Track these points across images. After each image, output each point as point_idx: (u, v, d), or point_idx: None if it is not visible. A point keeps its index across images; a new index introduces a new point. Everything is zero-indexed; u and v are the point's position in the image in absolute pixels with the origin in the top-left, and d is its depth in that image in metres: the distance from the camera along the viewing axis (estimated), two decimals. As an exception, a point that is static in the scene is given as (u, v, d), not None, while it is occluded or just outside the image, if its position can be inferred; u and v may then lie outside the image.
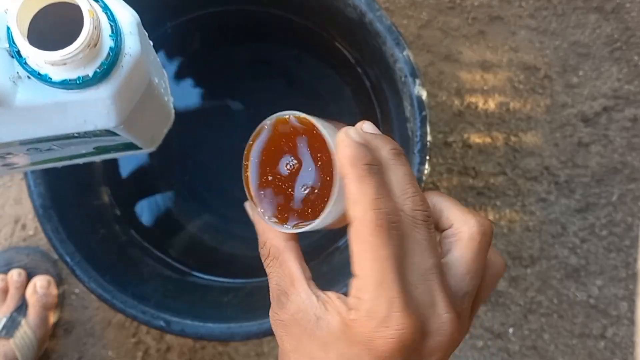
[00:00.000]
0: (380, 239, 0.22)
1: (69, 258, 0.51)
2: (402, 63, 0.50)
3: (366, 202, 0.23)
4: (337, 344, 0.23)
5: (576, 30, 0.86)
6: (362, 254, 0.23)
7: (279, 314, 0.26)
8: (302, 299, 0.25)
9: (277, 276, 0.26)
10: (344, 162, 0.24)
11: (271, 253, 0.27)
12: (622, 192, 0.84)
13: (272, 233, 0.27)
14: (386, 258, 0.22)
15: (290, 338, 0.25)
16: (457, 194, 0.84)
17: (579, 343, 0.84)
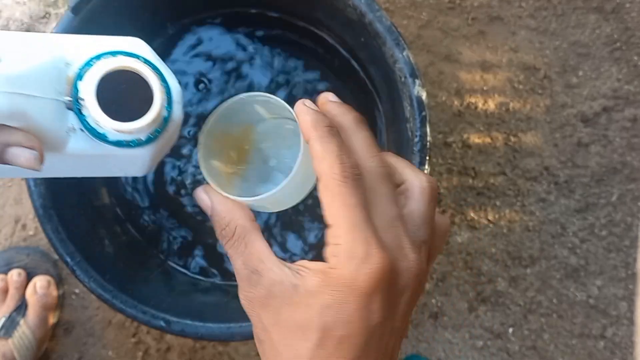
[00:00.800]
0: (348, 188, 0.25)
1: (69, 258, 0.51)
2: (402, 63, 0.50)
3: (331, 158, 0.25)
4: (319, 298, 0.25)
5: (576, 30, 0.86)
6: (333, 203, 0.25)
7: (253, 292, 0.26)
8: (275, 272, 0.26)
9: (243, 256, 0.27)
10: (307, 126, 0.26)
11: (237, 233, 0.27)
12: (621, 192, 0.84)
13: (238, 212, 0.28)
14: (355, 205, 0.25)
15: (269, 313, 0.26)
16: (457, 193, 0.84)
17: (579, 343, 0.84)
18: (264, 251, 0.27)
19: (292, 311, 0.25)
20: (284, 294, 0.25)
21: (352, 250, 0.24)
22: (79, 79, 0.25)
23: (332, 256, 0.25)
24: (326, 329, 0.24)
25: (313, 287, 0.25)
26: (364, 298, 0.24)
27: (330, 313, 0.24)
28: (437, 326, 0.84)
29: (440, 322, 0.84)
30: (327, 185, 0.25)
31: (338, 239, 0.25)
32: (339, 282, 0.24)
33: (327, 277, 0.25)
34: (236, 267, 0.27)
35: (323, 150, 0.25)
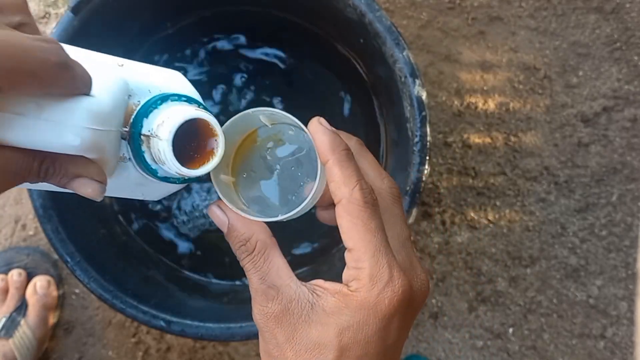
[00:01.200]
0: (368, 213, 0.25)
1: (69, 258, 0.51)
2: (401, 63, 0.50)
3: (351, 183, 0.26)
4: (338, 318, 0.25)
5: (576, 30, 0.86)
6: (354, 227, 0.25)
7: (269, 307, 0.26)
8: (293, 289, 0.26)
9: (261, 271, 0.27)
10: (324, 149, 0.26)
11: (257, 248, 0.28)
12: (621, 192, 0.84)
13: (257, 228, 0.28)
14: (376, 229, 0.25)
15: (283, 329, 0.26)
16: (457, 194, 0.84)
17: (579, 343, 0.84)
18: (283, 267, 0.27)
19: (308, 329, 0.26)
20: (300, 312, 0.26)
21: (376, 275, 0.25)
22: (145, 117, 0.26)
23: (354, 279, 0.25)
24: (344, 348, 0.25)
25: (331, 308, 0.25)
26: (384, 321, 0.25)
27: (349, 334, 0.25)
28: (437, 326, 0.84)
29: (440, 322, 0.84)
30: (348, 209, 0.25)
31: (361, 263, 0.25)
32: (361, 305, 0.25)
33: (346, 299, 0.25)
34: (253, 281, 0.27)
35: (342, 175, 0.26)
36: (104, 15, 0.53)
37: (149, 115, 0.26)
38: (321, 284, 0.27)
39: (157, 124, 0.25)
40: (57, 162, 0.23)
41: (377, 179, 0.28)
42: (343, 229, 0.26)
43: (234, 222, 0.28)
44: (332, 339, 0.25)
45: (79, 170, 0.24)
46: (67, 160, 0.24)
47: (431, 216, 0.84)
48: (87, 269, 0.51)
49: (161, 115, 0.26)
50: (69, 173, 0.24)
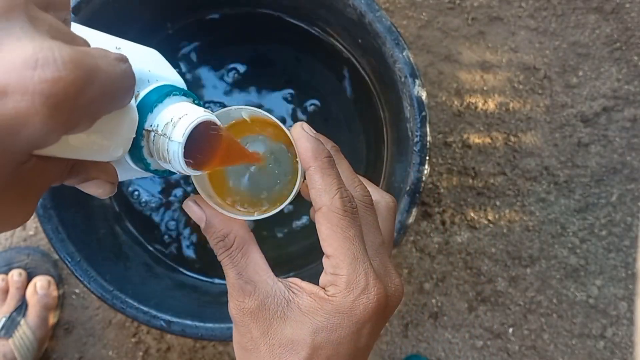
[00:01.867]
0: (348, 221, 0.26)
1: (69, 258, 0.51)
2: (401, 63, 0.50)
3: (332, 191, 0.26)
4: (312, 318, 0.26)
5: (576, 30, 0.86)
6: (334, 235, 0.26)
7: (245, 302, 0.27)
8: (270, 285, 0.27)
9: (238, 266, 0.28)
10: (307, 155, 0.27)
11: (236, 243, 0.28)
12: (621, 192, 0.84)
13: (237, 224, 0.28)
14: (354, 237, 0.26)
15: (258, 324, 0.27)
16: (456, 194, 0.84)
17: (579, 343, 0.84)
18: (260, 263, 0.28)
19: (283, 325, 0.26)
20: (276, 308, 0.27)
21: (353, 282, 0.26)
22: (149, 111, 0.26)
23: (331, 285, 0.26)
24: (316, 347, 0.26)
25: (306, 307, 0.26)
26: (357, 325, 0.26)
27: (322, 335, 0.26)
28: (437, 326, 0.84)
29: (440, 322, 0.84)
30: (328, 217, 0.26)
31: (339, 270, 0.26)
32: (336, 309, 0.26)
33: (322, 302, 0.26)
34: (230, 276, 0.28)
35: (324, 182, 0.26)
36: (104, 16, 0.54)
37: (154, 110, 0.26)
38: (298, 282, 0.28)
39: (165, 121, 0.25)
40: (83, 166, 0.23)
41: (350, 187, 0.29)
42: (322, 235, 0.26)
43: (211, 218, 0.28)
44: (306, 337, 0.26)
45: (99, 173, 0.24)
46: (92, 165, 0.24)
47: (431, 216, 0.84)
48: (87, 269, 0.51)
49: (167, 112, 0.26)
50: (90, 176, 0.24)
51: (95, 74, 0.17)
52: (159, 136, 0.25)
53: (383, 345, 0.83)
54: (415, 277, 0.84)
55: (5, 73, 0.15)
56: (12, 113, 0.15)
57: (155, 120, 0.26)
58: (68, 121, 0.16)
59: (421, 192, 0.50)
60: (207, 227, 0.28)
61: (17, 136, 0.15)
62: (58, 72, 0.15)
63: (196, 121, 0.25)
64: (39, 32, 0.16)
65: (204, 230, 0.29)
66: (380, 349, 0.83)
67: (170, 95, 0.27)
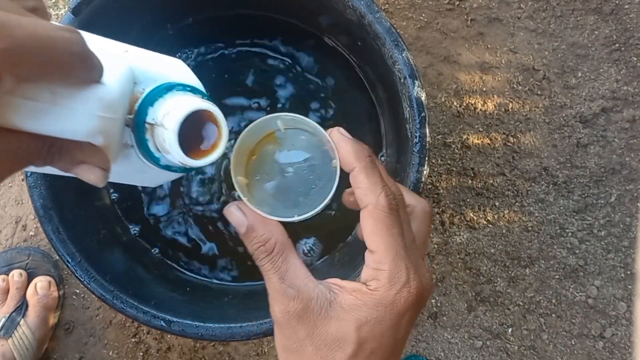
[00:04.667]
0: (392, 219, 0.27)
1: (69, 259, 0.51)
2: (401, 64, 0.51)
3: (377, 190, 0.27)
4: (355, 314, 0.27)
5: (575, 31, 0.86)
6: (378, 231, 0.27)
7: (289, 305, 0.28)
8: (311, 288, 0.28)
9: (280, 271, 0.28)
10: (349, 157, 0.28)
11: (276, 249, 0.29)
12: (620, 193, 0.85)
13: (276, 229, 0.29)
14: (398, 235, 0.27)
15: (304, 326, 0.28)
16: (456, 194, 0.85)
17: (578, 343, 0.84)
18: (300, 267, 0.29)
19: (327, 325, 0.27)
20: (320, 309, 0.27)
21: (395, 277, 0.27)
22: (150, 105, 0.26)
23: (373, 279, 0.27)
24: (361, 341, 0.27)
25: (349, 305, 0.27)
26: (398, 317, 0.27)
27: (366, 329, 0.27)
28: (436, 326, 0.84)
29: (440, 322, 0.84)
30: (373, 214, 0.27)
31: (381, 265, 0.27)
32: (379, 302, 0.27)
33: (365, 297, 0.27)
34: (272, 281, 0.28)
35: (369, 182, 0.28)
36: (104, 17, 0.54)
37: (155, 104, 0.26)
38: (338, 282, 0.29)
39: (163, 113, 0.26)
40: (64, 148, 0.24)
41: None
42: (367, 232, 0.28)
43: (253, 223, 0.29)
44: (351, 333, 0.27)
45: (84, 156, 0.24)
46: (74, 146, 0.24)
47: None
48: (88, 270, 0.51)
49: (167, 105, 0.26)
50: (74, 159, 0.24)
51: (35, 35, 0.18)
52: (158, 127, 0.26)
53: (382, 345, 0.83)
54: (414, 277, 0.84)
55: None
56: None
57: (157, 114, 0.26)
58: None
59: (421, 193, 0.50)
60: (248, 232, 0.29)
61: None
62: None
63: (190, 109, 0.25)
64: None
65: (243, 235, 0.29)
66: (380, 349, 0.83)
67: (173, 90, 0.27)
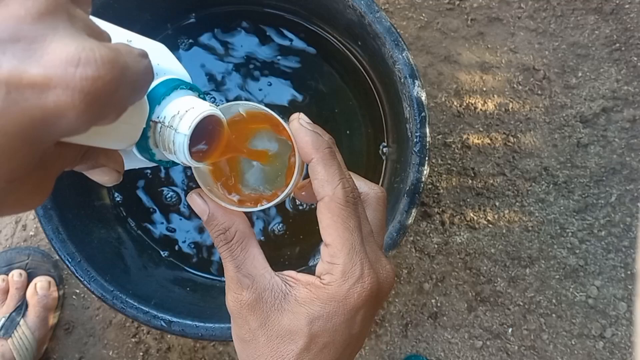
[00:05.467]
0: (348, 212, 0.27)
1: (69, 259, 0.51)
2: (401, 64, 0.50)
3: (334, 182, 0.27)
4: (309, 308, 0.27)
5: (575, 31, 0.86)
6: (334, 225, 0.27)
7: (242, 295, 0.28)
8: (267, 279, 0.28)
9: (237, 259, 0.28)
10: (308, 147, 0.27)
11: (236, 237, 0.29)
12: (620, 193, 0.85)
13: (237, 218, 0.29)
14: (354, 228, 0.27)
15: (256, 317, 0.27)
16: (456, 194, 0.85)
17: (578, 343, 0.84)
18: (258, 257, 0.29)
19: (280, 317, 0.27)
20: (273, 300, 0.27)
21: (349, 272, 0.27)
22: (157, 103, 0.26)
23: (327, 273, 0.27)
24: (313, 335, 0.27)
25: (303, 298, 0.27)
26: (352, 312, 0.27)
27: (319, 323, 0.27)
28: (436, 326, 0.84)
29: (440, 322, 0.84)
30: (329, 207, 0.27)
31: (336, 259, 0.27)
32: (332, 297, 0.27)
33: (318, 291, 0.27)
34: (229, 269, 0.28)
35: (326, 173, 0.27)
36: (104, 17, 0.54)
37: (161, 102, 0.26)
38: (294, 275, 0.28)
39: (172, 114, 0.26)
40: (94, 153, 0.24)
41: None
42: (323, 224, 0.27)
43: (214, 211, 0.29)
44: (303, 327, 0.27)
45: (107, 160, 0.25)
46: (102, 152, 0.24)
47: (430, 216, 0.85)
48: (88, 270, 0.51)
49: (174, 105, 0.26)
50: (98, 163, 0.24)
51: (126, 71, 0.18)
52: (165, 128, 0.26)
53: (383, 345, 0.84)
54: (414, 277, 0.84)
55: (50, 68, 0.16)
56: (52, 106, 0.16)
57: (163, 112, 0.26)
58: (100, 115, 0.18)
59: (421, 193, 0.50)
60: (209, 219, 0.29)
61: (52, 126, 0.17)
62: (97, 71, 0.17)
63: (202, 115, 0.25)
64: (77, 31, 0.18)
65: (205, 223, 0.29)
66: (380, 348, 0.84)
67: (178, 88, 0.27)
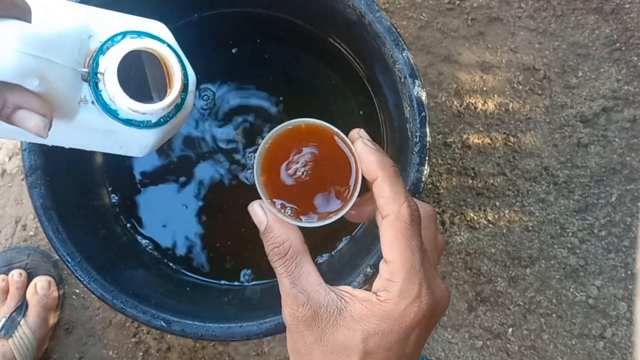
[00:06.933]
0: (412, 231, 0.27)
1: (69, 258, 0.51)
2: (401, 64, 0.50)
3: (400, 200, 0.27)
4: (364, 324, 0.27)
5: (575, 31, 0.86)
6: (397, 242, 0.27)
7: (298, 311, 0.28)
8: (322, 295, 0.28)
9: (292, 275, 0.28)
10: (374, 166, 0.28)
11: (290, 253, 0.29)
12: (621, 193, 0.85)
13: (293, 233, 0.29)
14: (416, 247, 0.27)
15: (312, 332, 0.28)
16: (456, 194, 0.85)
17: (578, 343, 0.84)
18: (312, 274, 0.29)
19: (336, 332, 0.27)
20: (329, 317, 0.28)
21: (407, 290, 0.27)
22: (101, 53, 0.25)
23: (384, 290, 0.27)
24: (367, 352, 0.27)
25: (358, 315, 0.27)
26: (407, 331, 0.27)
27: (374, 340, 0.27)
28: (436, 326, 0.84)
29: (440, 322, 0.84)
30: (394, 225, 0.27)
31: (395, 277, 0.27)
32: (388, 315, 0.27)
33: (374, 307, 0.27)
34: (285, 284, 0.29)
35: (392, 191, 0.27)
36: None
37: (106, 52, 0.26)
38: (350, 290, 0.29)
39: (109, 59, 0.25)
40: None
41: None
42: (385, 241, 0.27)
43: (272, 224, 0.29)
44: (358, 343, 0.27)
45: (17, 99, 0.24)
46: (5, 89, 0.24)
47: (431, 216, 0.84)
48: (88, 269, 0.51)
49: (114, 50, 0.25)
50: (8, 103, 0.24)
51: None
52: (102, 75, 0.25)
53: (383, 345, 0.83)
54: (415, 277, 0.84)
55: None
56: None
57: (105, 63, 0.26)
58: None
59: (421, 193, 0.50)
60: (266, 231, 0.29)
61: None
62: None
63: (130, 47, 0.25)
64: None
65: (262, 234, 0.30)
66: (380, 349, 0.83)
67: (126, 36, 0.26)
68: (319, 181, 0.30)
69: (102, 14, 0.27)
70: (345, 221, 0.31)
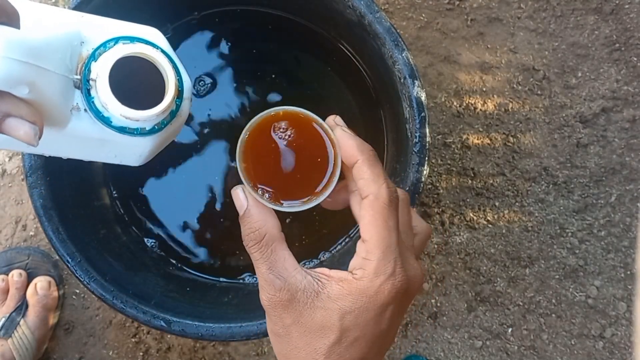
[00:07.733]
0: (390, 211, 0.28)
1: (69, 258, 0.51)
2: (401, 64, 0.50)
3: (379, 181, 0.28)
4: (341, 303, 0.28)
5: (575, 31, 0.86)
6: (374, 222, 0.28)
7: (277, 295, 0.29)
8: (299, 280, 0.29)
9: (269, 261, 0.29)
10: (353, 150, 0.29)
11: (265, 240, 0.29)
12: (620, 193, 0.85)
13: (270, 220, 0.30)
14: (393, 228, 0.28)
15: (290, 314, 0.28)
16: (456, 194, 0.85)
17: (578, 343, 0.84)
18: (289, 259, 0.29)
19: (313, 313, 0.28)
20: (306, 299, 0.28)
21: (381, 268, 0.27)
22: (93, 59, 0.25)
23: (360, 268, 0.28)
24: (344, 330, 0.28)
25: (335, 294, 0.28)
26: (382, 308, 0.28)
27: (350, 317, 0.28)
28: (436, 326, 0.84)
29: (440, 322, 0.84)
30: (373, 205, 0.28)
31: (370, 255, 0.28)
32: (363, 292, 0.28)
33: (350, 286, 0.28)
34: (261, 270, 0.29)
35: (372, 173, 0.28)
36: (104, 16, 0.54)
37: (98, 58, 0.25)
38: (326, 272, 0.29)
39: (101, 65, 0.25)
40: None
41: None
42: (364, 221, 0.28)
43: (251, 208, 0.30)
44: (335, 322, 0.28)
45: (6, 107, 0.24)
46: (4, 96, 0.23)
47: (430, 216, 0.85)
48: (88, 269, 0.51)
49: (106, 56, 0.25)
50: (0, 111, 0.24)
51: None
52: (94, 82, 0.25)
53: (382, 345, 0.84)
54: (414, 277, 0.84)
55: None
56: None
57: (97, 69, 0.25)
58: None
59: (420, 193, 0.50)
60: (245, 216, 0.30)
61: None
62: None
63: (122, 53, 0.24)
64: None
65: (240, 218, 0.30)
66: (380, 349, 0.84)
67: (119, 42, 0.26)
68: (299, 167, 0.31)
69: (94, 20, 0.27)
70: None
